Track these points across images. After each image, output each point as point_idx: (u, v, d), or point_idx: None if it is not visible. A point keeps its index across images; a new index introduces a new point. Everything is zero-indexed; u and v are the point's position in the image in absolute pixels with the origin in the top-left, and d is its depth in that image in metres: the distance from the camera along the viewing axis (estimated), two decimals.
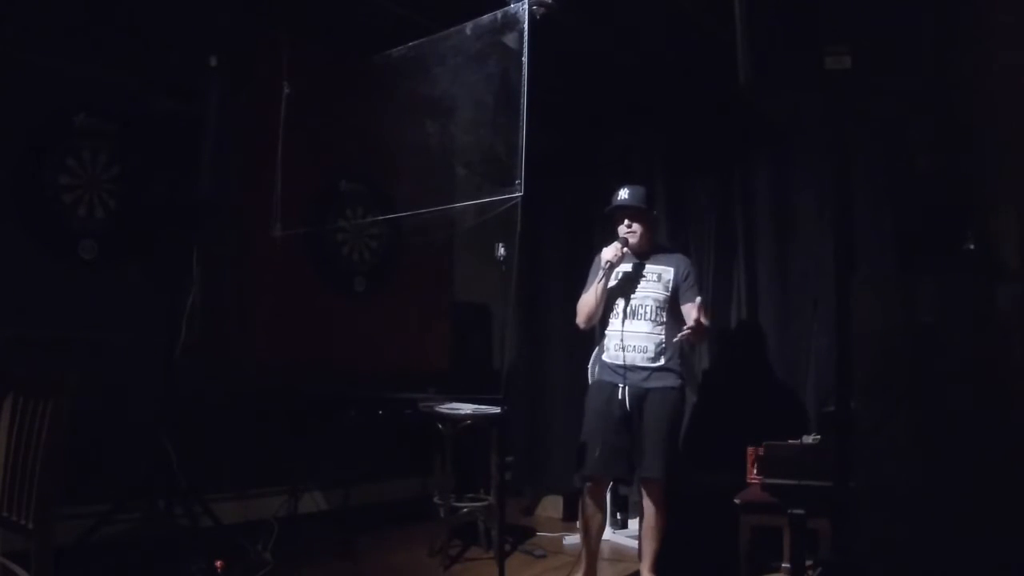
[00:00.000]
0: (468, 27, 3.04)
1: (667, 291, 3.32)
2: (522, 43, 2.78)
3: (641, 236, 3.32)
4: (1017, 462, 2.24)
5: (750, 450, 3.59)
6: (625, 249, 3.28)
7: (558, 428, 4.90)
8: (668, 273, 3.34)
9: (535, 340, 5.04)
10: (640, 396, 3.26)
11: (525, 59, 2.76)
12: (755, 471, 3.43)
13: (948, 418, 2.33)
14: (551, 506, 4.85)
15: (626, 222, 3.31)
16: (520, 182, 2.74)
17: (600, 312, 3.33)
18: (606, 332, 3.38)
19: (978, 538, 2.23)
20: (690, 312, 3.24)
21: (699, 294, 3.30)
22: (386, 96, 3.65)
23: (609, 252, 3.26)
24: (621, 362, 3.26)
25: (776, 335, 4.12)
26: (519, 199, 2.75)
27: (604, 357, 3.37)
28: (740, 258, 4.32)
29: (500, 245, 2.95)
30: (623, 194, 3.35)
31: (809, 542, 3.01)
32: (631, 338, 3.27)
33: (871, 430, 2.33)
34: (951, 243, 2.60)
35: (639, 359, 3.27)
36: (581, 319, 3.38)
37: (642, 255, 3.38)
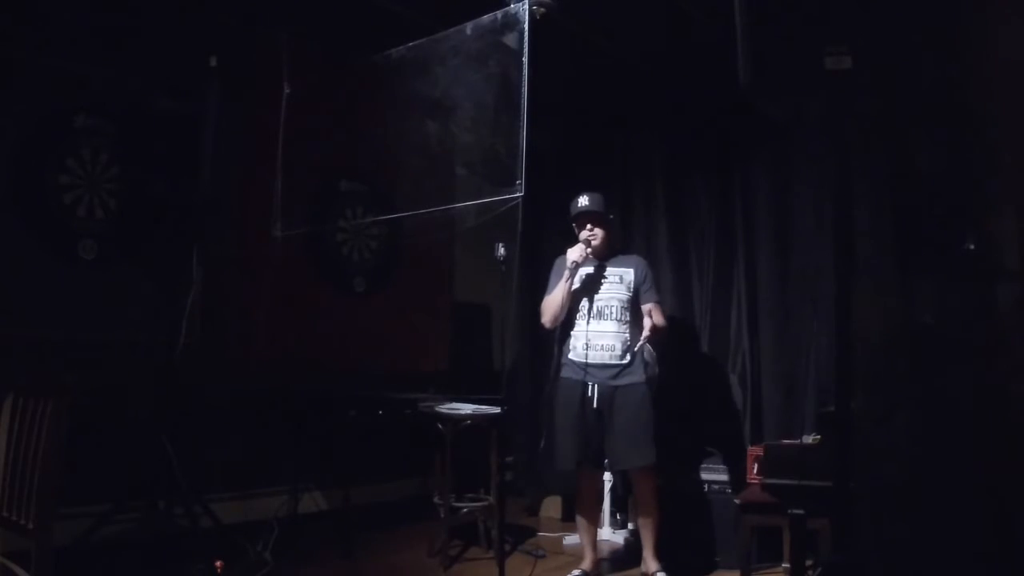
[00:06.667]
0: (468, 27, 3.04)
1: (629, 291, 3.46)
2: (522, 43, 2.78)
3: (602, 240, 3.46)
4: (1017, 461, 2.24)
5: (750, 450, 3.59)
6: (588, 250, 3.39)
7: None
8: (629, 274, 3.48)
9: (535, 340, 5.04)
10: (609, 394, 3.36)
11: (525, 59, 2.76)
12: (755, 471, 3.43)
13: (948, 418, 2.33)
14: (551, 506, 4.85)
15: (588, 226, 3.45)
16: (520, 182, 2.74)
17: (565, 312, 3.44)
18: (571, 332, 3.47)
19: (978, 538, 2.23)
20: (649, 312, 3.42)
21: (657, 295, 3.55)
22: (386, 96, 3.65)
23: (575, 253, 3.37)
24: (590, 361, 3.37)
25: (776, 335, 4.12)
26: (519, 199, 2.75)
27: (571, 356, 3.46)
28: (740, 258, 4.32)
29: (500, 245, 2.96)
30: (584, 200, 3.48)
31: (809, 542, 3.01)
32: (598, 337, 3.39)
33: (871, 430, 2.33)
34: (951, 243, 2.60)
35: (607, 357, 3.38)
36: (547, 319, 3.49)
37: (602, 258, 3.50)
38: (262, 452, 4.17)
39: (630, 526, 4.32)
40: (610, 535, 4.28)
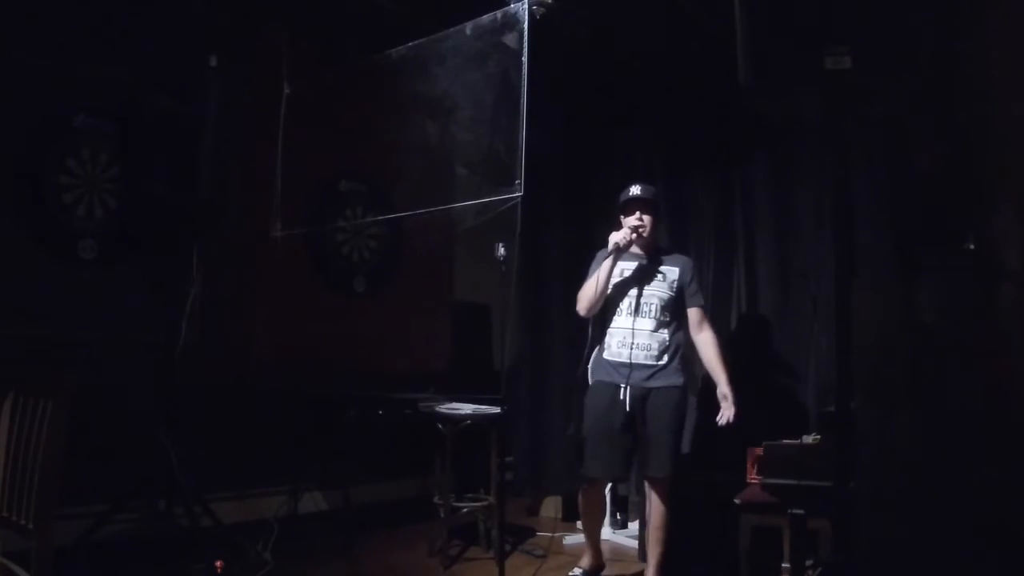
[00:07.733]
0: (468, 27, 3.04)
1: (672, 291, 3.33)
2: (522, 43, 2.79)
3: (650, 230, 3.35)
4: (1017, 462, 2.24)
5: (750, 450, 3.58)
6: (634, 236, 3.27)
7: (558, 428, 4.89)
8: (673, 274, 3.37)
9: (535, 340, 5.04)
10: (642, 396, 3.25)
11: (525, 59, 2.77)
12: (755, 471, 3.42)
13: (948, 418, 2.33)
14: (551, 506, 4.85)
15: (637, 214, 3.33)
16: (520, 182, 2.75)
17: (602, 299, 3.29)
18: (608, 330, 3.34)
19: (978, 538, 2.23)
20: (694, 317, 3.35)
21: (703, 299, 3.42)
22: (386, 96, 3.66)
23: (619, 235, 3.24)
24: (625, 360, 3.26)
25: (776, 335, 4.12)
26: (519, 199, 2.75)
27: (605, 355, 3.34)
28: (740, 258, 4.32)
29: (500, 245, 2.96)
30: (635, 189, 3.38)
31: (809, 542, 3.01)
32: (636, 336, 3.26)
33: (871, 430, 2.33)
34: (951, 243, 2.59)
35: (642, 356, 3.26)
36: (583, 306, 3.32)
37: (647, 252, 3.39)
38: (262, 452, 4.17)
39: (630, 526, 4.33)
40: (610, 535, 4.28)
